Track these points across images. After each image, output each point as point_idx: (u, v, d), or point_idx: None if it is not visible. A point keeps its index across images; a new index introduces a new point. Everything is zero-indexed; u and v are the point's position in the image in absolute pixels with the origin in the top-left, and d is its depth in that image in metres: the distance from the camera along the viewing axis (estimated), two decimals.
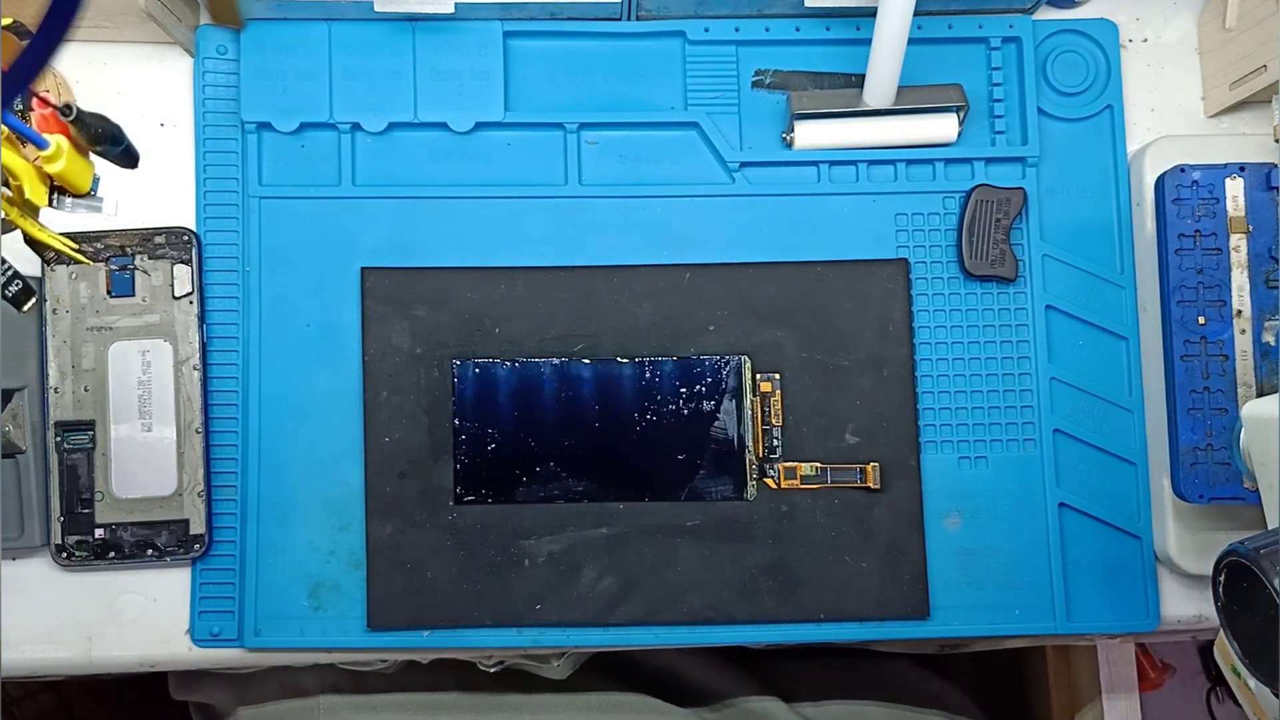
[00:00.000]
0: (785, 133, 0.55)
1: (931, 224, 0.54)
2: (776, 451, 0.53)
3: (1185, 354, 0.51)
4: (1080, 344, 0.54)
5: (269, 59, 0.53)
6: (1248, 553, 0.39)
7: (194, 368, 0.52)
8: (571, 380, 0.52)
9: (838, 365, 0.53)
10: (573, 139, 0.54)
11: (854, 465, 0.53)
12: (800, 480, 0.53)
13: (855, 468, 0.53)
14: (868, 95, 0.53)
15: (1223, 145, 0.53)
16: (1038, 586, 0.53)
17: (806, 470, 0.53)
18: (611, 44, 0.55)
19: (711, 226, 0.54)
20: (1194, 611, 0.54)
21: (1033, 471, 0.53)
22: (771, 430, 0.53)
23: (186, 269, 0.52)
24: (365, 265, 0.53)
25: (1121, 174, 0.55)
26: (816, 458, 0.53)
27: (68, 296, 0.52)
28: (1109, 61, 0.56)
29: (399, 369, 0.53)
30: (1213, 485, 0.50)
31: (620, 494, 0.52)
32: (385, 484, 0.52)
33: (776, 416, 0.53)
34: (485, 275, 0.53)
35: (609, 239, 0.54)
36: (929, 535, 0.53)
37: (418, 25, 0.54)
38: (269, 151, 0.54)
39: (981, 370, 0.54)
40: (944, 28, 0.55)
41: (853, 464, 0.53)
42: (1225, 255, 0.51)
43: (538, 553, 0.52)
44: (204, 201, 0.53)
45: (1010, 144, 0.55)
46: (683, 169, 0.55)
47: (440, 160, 0.54)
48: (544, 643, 0.53)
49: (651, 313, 0.53)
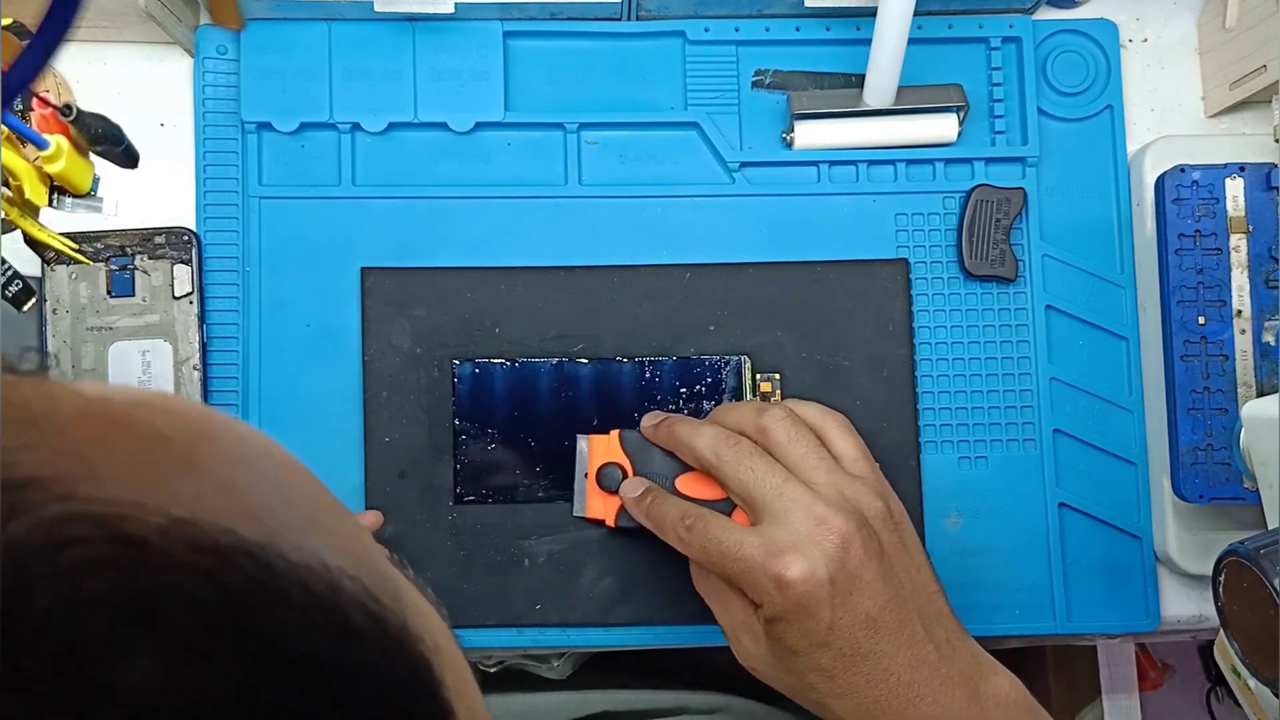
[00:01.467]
0: (785, 133, 0.55)
1: (931, 224, 0.54)
2: None
3: (1185, 354, 0.51)
4: (1080, 344, 0.54)
5: (269, 59, 0.53)
6: (1248, 553, 0.39)
7: (194, 368, 0.52)
8: (571, 380, 0.52)
9: (838, 365, 0.53)
10: (573, 139, 0.54)
11: None
12: None
13: None
14: (868, 95, 0.53)
15: (1223, 145, 0.53)
16: (1038, 586, 0.53)
17: None
18: (611, 44, 0.55)
19: (711, 226, 0.54)
20: (1194, 611, 0.54)
21: (1033, 471, 0.53)
22: None
23: (186, 269, 0.52)
24: (365, 265, 0.53)
25: (1121, 174, 0.55)
26: None
27: (68, 296, 0.52)
28: (1109, 61, 0.56)
29: (399, 369, 0.53)
30: (1213, 485, 0.50)
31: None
32: (385, 484, 0.52)
33: None
34: (485, 275, 0.53)
35: (609, 239, 0.54)
36: (929, 535, 0.53)
37: (418, 25, 0.54)
38: (269, 151, 0.54)
39: (981, 370, 0.54)
40: (944, 28, 0.55)
41: None
42: (1225, 255, 0.51)
43: (538, 553, 0.52)
44: (204, 201, 0.53)
45: (1010, 144, 0.55)
46: (683, 169, 0.55)
47: (440, 160, 0.54)
48: (544, 643, 0.53)
49: (651, 313, 0.53)
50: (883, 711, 0.42)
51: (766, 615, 0.43)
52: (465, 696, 0.19)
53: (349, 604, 0.17)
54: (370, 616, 0.17)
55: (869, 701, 0.42)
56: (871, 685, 0.42)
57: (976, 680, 0.43)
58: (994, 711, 0.42)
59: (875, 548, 0.42)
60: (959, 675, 0.42)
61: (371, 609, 0.17)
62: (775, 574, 0.41)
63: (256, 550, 0.16)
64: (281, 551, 0.16)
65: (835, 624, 0.41)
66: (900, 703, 0.42)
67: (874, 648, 0.42)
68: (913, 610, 0.43)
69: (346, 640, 0.16)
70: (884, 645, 0.42)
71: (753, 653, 0.45)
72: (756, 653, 0.44)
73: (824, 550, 0.41)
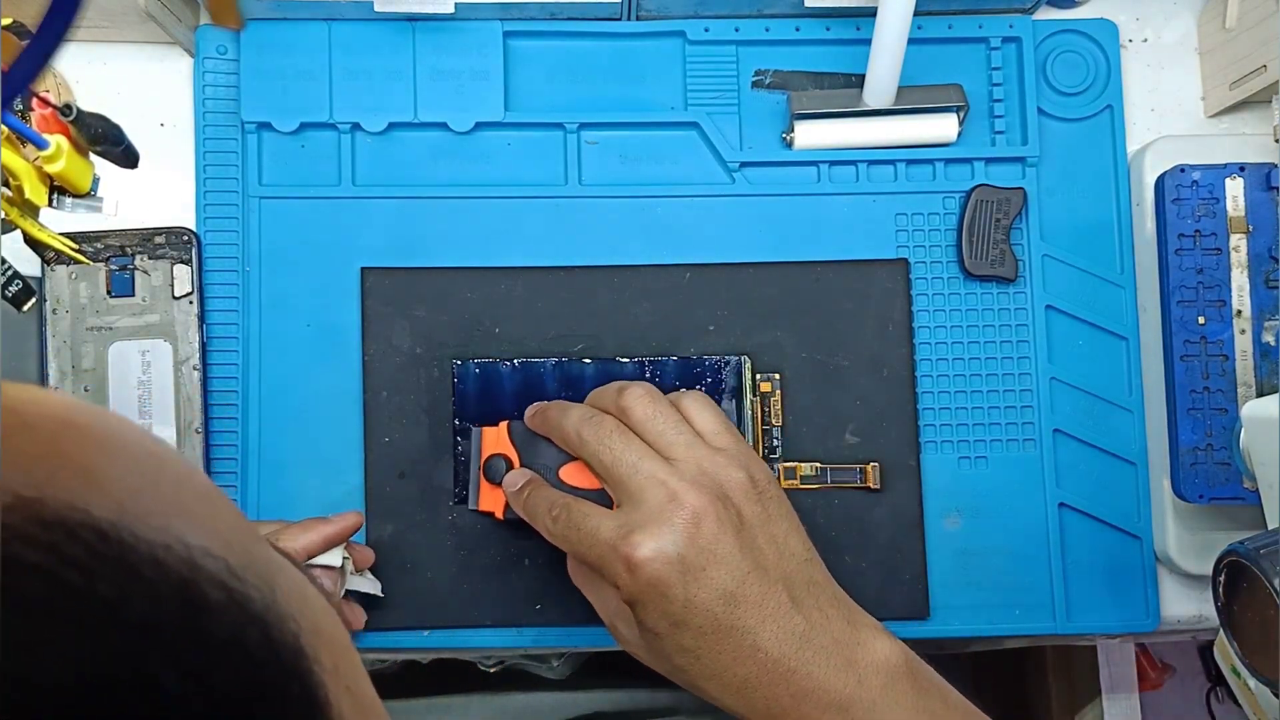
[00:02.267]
0: (785, 133, 0.55)
1: (931, 224, 0.54)
2: (776, 451, 0.53)
3: (1185, 354, 0.51)
4: (1080, 344, 0.54)
5: (269, 59, 0.53)
6: (1248, 553, 0.40)
7: (194, 368, 0.52)
8: (572, 380, 0.52)
9: (837, 365, 0.53)
10: (573, 139, 0.54)
11: (854, 465, 0.53)
12: (800, 480, 0.52)
13: (855, 468, 0.53)
14: (868, 95, 0.53)
15: (1223, 145, 0.53)
16: (1038, 586, 0.53)
17: (806, 470, 0.53)
18: (611, 44, 0.55)
19: (711, 226, 0.54)
20: (1194, 611, 0.54)
21: (1033, 471, 0.53)
22: (771, 430, 0.53)
23: (186, 269, 0.52)
24: (365, 265, 0.53)
25: (1121, 174, 0.55)
26: (816, 458, 0.53)
27: (68, 296, 0.52)
28: (1109, 61, 0.56)
29: (399, 369, 0.53)
30: (1213, 485, 0.50)
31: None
32: (385, 484, 0.52)
33: (776, 416, 0.53)
34: (485, 275, 0.53)
35: (609, 239, 0.54)
36: (929, 535, 0.53)
37: (418, 25, 0.54)
38: (269, 151, 0.54)
39: (981, 370, 0.54)
40: (944, 28, 0.55)
41: (853, 464, 0.53)
42: (1225, 255, 0.51)
43: (538, 553, 0.52)
44: (204, 201, 0.53)
45: (1010, 144, 0.55)
46: (683, 169, 0.55)
47: (440, 160, 0.54)
48: (544, 643, 0.53)
49: (651, 313, 0.53)
50: (753, 689, 0.41)
51: (624, 598, 0.42)
52: (344, 677, 0.20)
53: (205, 580, 0.18)
54: (228, 593, 0.18)
55: (737, 681, 0.41)
56: (738, 663, 0.41)
57: (852, 648, 0.41)
58: (872, 679, 0.41)
59: (733, 520, 0.42)
60: (832, 644, 0.41)
61: (233, 586, 0.18)
62: (625, 555, 0.41)
63: (107, 527, 0.17)
64: (136, 530, 0.17)
65: (690, 601, 0.40)
66: (770, 678, 0.41)
67: (735, 623, 0.41)
68: (777, 581, 0.41)
69: (197, 613, 0.17)
70: (746, 620, 0.41)
71: (629, 639, 0.44)
72: (632, 639, 0.44)
73: (673, 527, 0.41)
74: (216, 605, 0.18)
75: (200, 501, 0.20)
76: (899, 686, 0.41)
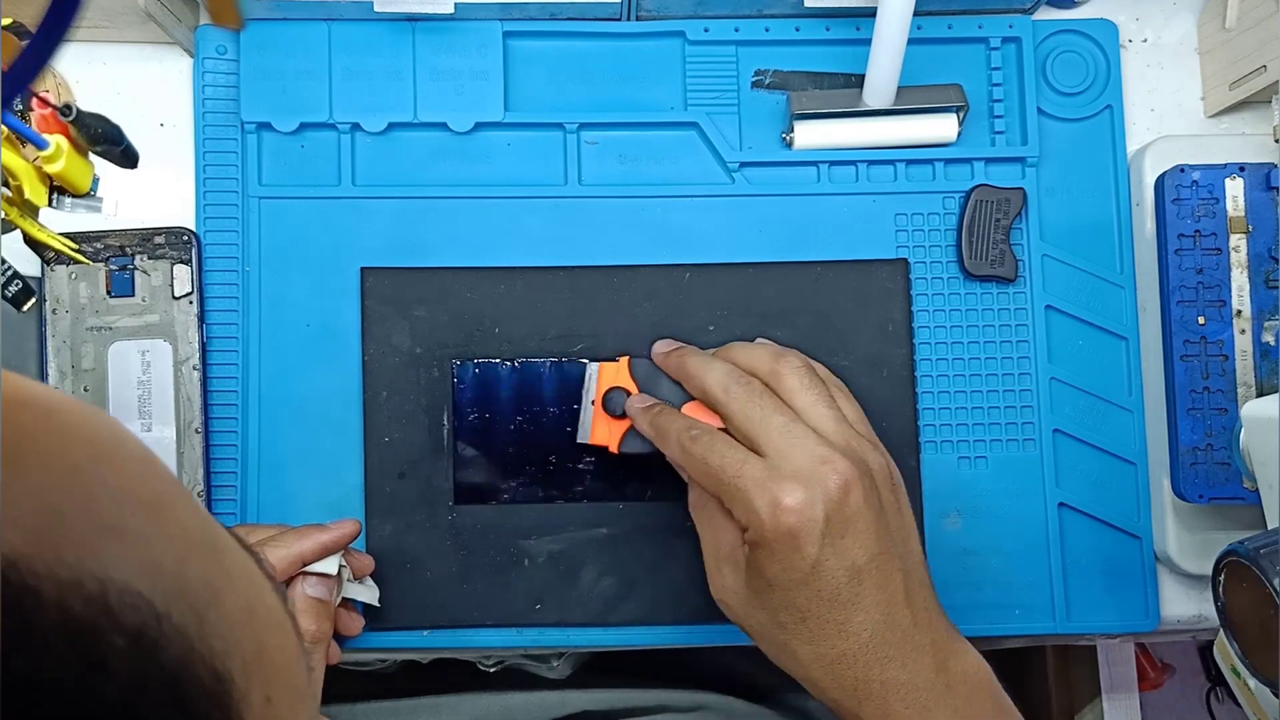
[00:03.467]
0: (785, 133, 0.55)
1: (931, 224, 0.54)
2: None
3: (1185, 354, 0.51)
4: (1080, 344, 0.54)
5: (269, 59, 0.53)
6: (1248, 553, 0.39)
7: (194, 368, 0.52)
8: (572, 380, 0.52)
9: (838, 365, 0.53)
10: (573, 139, 0.54)
11: None
12: None
13: None
14: (868, 95, 0.53)
15: (1223, 145, 0.53)
16: (1037, 586, 0.53)
17: None
18: (611, 44, 0.55)
19: (711, 226, 0.54)
20: (1194, 611, 0.54)
21: (1032, 471, 0.53)
22: None
23: (186, 269, 0.52)
24: (365, 265, 0.53)
25: (1121, 174, 0.55)
26: None
27: (67, 296, 0.52)
28: (1109, 61, 0.56)
29: (399, 369, 0.53)
30: (1213, 485, 0.50)
31: (620, 494, 0.52)
32: (385, 484, 0.52)
33: None
34: (485, 275, 0.53)
35: (609, 239, 0.54)
36: (929, 535, 0.53)
37: (417, 25, 0.54)
38: (269, 151, 0.54)
39: (981, 370, 0.54)
40: (944, 28, 0.55)
41: None
42: (1225, 255, 0.51)
43: (538, 553, 0.52)
44: (204, 201, 0.53)
45: (1010, 144, 0.55)
46: (683, 169, 0.55)
47: (440, 160, 0.54)
48: (544, 643, 0.53)
49: (651, 313, 0.53)
50: (847, 666, 0.41)
51: (751, 539, 0.41)
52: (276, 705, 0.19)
53: (110, 629, 0.16)
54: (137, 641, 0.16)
55: (835, 653, 0.41)
56: (842, 637, 0.41)
57: (947, 654, 0.42)
58: (960, 687, 0.41)
59: (875, 500, 0.42)
60: (930, 645, 0.42)
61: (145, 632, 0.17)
62: (773, 495, 0.40)
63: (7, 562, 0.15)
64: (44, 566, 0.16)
65: (820, 563, 0.40)
66: (867, 660, 0.41)
67: (853, 598, 0.41)
68: (899, 571, 0.42)
69: (91, 671, 0.16)
70: (864, 598, 0.41)
71: (729, 585, 0.44)
72: (733, 585, 0.44)
73: (825, 487, 0.40)
74: (117, 659, 0.16)
75: (141, 515, 0.18)
76: (981, 701, 0.42)
